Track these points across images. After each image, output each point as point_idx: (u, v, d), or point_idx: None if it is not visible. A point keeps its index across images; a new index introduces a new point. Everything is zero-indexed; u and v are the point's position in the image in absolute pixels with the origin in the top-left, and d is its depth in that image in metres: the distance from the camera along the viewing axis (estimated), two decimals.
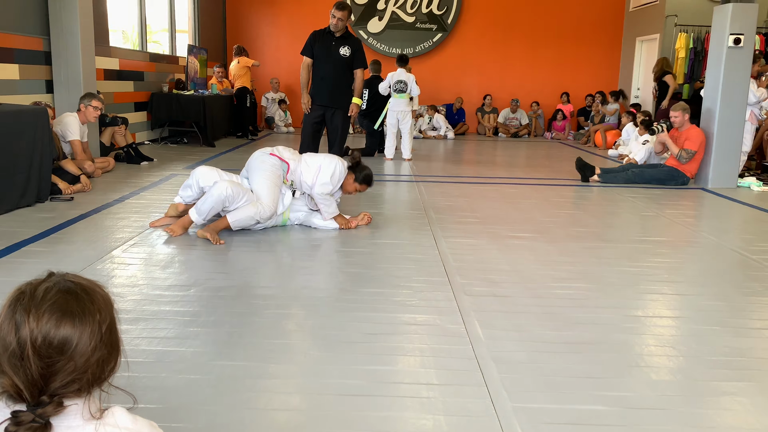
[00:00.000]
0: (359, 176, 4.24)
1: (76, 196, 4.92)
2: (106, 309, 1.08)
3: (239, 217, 3.84)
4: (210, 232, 3.77)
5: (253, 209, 3.85)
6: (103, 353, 1.06)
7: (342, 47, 5.62)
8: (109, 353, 1.08)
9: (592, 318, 2.73)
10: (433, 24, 12.28)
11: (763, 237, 4.43)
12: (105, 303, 1.09)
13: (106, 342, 1.07)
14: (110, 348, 1.08)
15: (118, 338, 1.11)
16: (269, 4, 12.28)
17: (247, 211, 3.84)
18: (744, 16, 6.27)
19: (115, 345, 1.10)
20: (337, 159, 4.19)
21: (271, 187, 3.96)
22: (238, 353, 2.29)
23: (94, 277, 3.06)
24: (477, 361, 2.27)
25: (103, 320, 1.06)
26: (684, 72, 10.34)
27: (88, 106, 5.73)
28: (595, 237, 4.22)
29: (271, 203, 3.93)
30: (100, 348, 1.05)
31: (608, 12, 12.29)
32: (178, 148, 8.70)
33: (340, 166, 4.14)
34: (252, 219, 3.88)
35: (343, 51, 5.61)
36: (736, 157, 6.54)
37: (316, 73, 5.71)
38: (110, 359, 1.08)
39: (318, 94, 5.72)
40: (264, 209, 3.89)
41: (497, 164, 8.19)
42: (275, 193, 3.98)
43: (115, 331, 1.10)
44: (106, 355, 1.07)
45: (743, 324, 2.75)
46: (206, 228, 3.80)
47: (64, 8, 6.21)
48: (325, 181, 4.05)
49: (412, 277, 3.24)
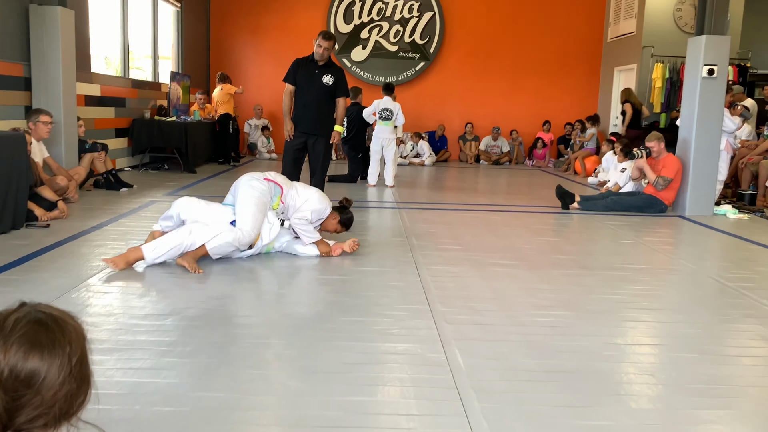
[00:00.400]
0: (342, 218, 4.33)
1: (52, 223, 4.85)
2: (77, 341, 1.06)
3: (218, 243, 3.79)
4: (188, 260, 3.72)
5: (231, 235, 3.80)
6: (72, 387, 1.03)
7: (325, 75, 5.66)
8: (79, 387, 1.05)
9: (572, 346, 2.73)
10: (416, 53, 12.45)
11: (740, 264, 4.48)
12: (76, 335, 1.06)
13: (76, 375, 1.04)
14: (80, 381, 1.05)
15: (89, 371, 1.08)
16: (253, 31, 12.38)
17: (225, 237, 3.79)
18: (717, 48, 6.44)
19: (86, 378, 1.07)
20: (326, 200, 4.27)
21: (256, 214, 3.92)
22: (214, 384, 2.24)
23: (69, 306, 3.00)
24: (457, 390, 2.25)
25: (74, 353, 1.04)
26: (661, 101, 10.56)
27: (37, 123, 5.56)
28: (576, 264, 4.25)
29: (251, 230, 3.88)
30: (69, 381, 1.02)
31: (587, 42, 12.56)
32: (158, 174, 8.65)
33: (326, 207, 4.22)
34: (230, 246, 3.83)
35: (326, 79, 5.65)
36: (713, 185, 6.66)
37: (299, 101, 5.73)
38: (79, 393, 1.05)
39: (300, 121, 5.73)
40: (243, 235, 3.84)
41: (479, 191, 8.24)
42: (258, 219, 3.94)
43: (85, 363, 1.07)
44: (75, 389, 1.04)
45: (721, 351, 2.77)
46: (185, 256, 3.74)
47: (45, 34, 6.20)
48: (306, 213, 4.10)
49: (393, 305, 3.23)
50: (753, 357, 2.71)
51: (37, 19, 6.19)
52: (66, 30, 6.33)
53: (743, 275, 4.10)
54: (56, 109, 6.24)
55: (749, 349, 2.81)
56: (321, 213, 4.19)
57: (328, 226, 4.32)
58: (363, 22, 12.33)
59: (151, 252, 3.70)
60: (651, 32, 10.59)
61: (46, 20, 6.18)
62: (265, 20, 12.34)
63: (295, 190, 4.19)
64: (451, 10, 12.43)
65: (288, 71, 5.80)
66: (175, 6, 10.73)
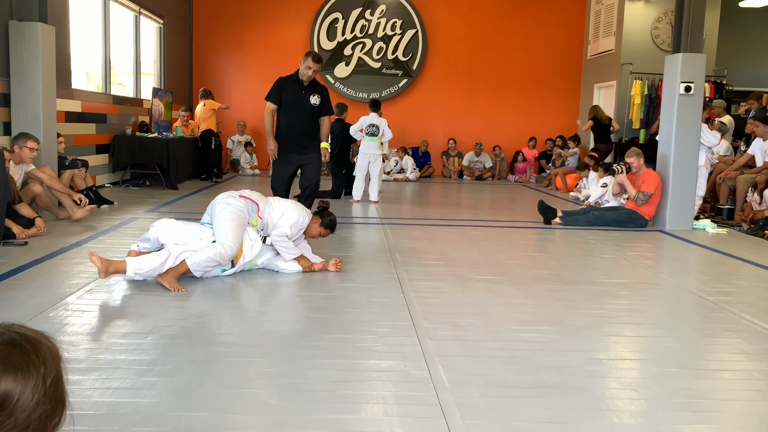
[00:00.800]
0: (324, 221, 4.29)
1: (30, 241, 4.78)
2: (52, 362, 1.04)
3: (199, 259, 3.74)
4: (169, 279, 3.65)
5: (212, 251, 3.76)
6: (46, 408, 1.01)
7: (312, 96, 5.63)
8: (53, 408, 1.03)
9: (555, 361, 2.73)
10: (399, 70, 12.55)
11: (719, 278, 4.54)
12: (51, 355, 1.04)
13: (51, 396, 1.02)
14: (55, 403, 1.03)
15: (64, 392, 1.06)
16: (235, 47, 12.39)
17: (206, 253, 3.75)
18: (693, 65, 6.57)
19: (60, 399, 1.05)
20: (303, 209, 4.23)
21: (235, 228, 3.89)
22: (195, 403, 2.21)
23: (47, 325, 2.95)
24: (441, 407, 2.24)
25: (48, 373, 1.02)
26: (640, 117, 10.73)
27: (23, 148, 5.44)
28: (558, 279, 4.27)
29: (232, 243, 3.84)
30: (44, 403, 1.00)
31: (567, 60, 12.75)
32: (139, 191, 8.58)
33: (304, 217, 4.19)
34: (212, 261, 3.79)
35: (314, 100, 5.62)
36: (692, 200, 6.75)
37: (284, 121, 5.70)
38: (54, 414, 1.03)
39: (289, 142, 5.69)
40: (225, 250, 3.79)
41: (462, 207, 8.28)
42: (238, 233, 3.91)
43: (60, 384, 1.05)
44: (49, 411, 1.02)
45: (702, 365, 2.79)
46: (166, 274, 3.68)
47: (25, 50, 6.15)
48: (285, 228, 4.08)
49: (376, 322, 3.21)
50: (733, 371, 2.74)
51: (17, 35, 6.14)
52: (46, 46, 6.29)
53: (722, 289, 4.15)
54: (36, 126, 6.18)
55: (729, 363, 2.84)
56: (300, 224, 4.17)
57: (311, 232, 4.29)
58: (346, 39, 12.42)
59: (132, 269, 3.66)
60: (629, 50, 10.79)
61: (26, 36, 6.14)
62: (248, 36, 12.37)
63: (270, 206, 4.17)
64: (433, 27, 12.56)
65: (271, 89, 5.78)
66: (158, 22, 10.73)
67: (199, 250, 3.75)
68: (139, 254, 3.92)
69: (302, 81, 5.67)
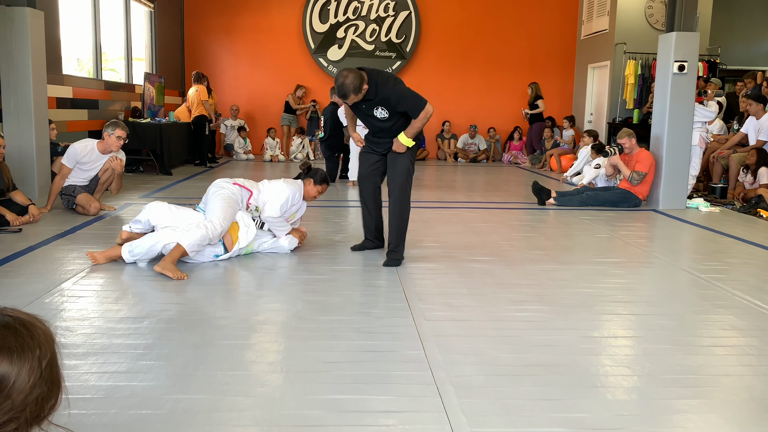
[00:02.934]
0: (317, 178, 4.35)
1: (24, 228, 4.77)
2: (46, 344, 1.04)
3: (192, 240, 3.73)
4: (169, 267, 3.62)
5: (203, 229, 3.78)
6: (42, 390, 1.02)
7: (375, 109, 4.02)
8: (50, 390, 1.04)
9: (549, 340, 2.76)
10: (392, 52, 12.47)
11: (712, 256, 4.57)
12: (45, 338, 1.05)
13: (46, 378, 1.03)
14: (50, 385, 1.04)
15: (59, 374, 1.07)
16: (227, 31, 12.28)
17: (197, 232, 3.76)
18: (687, 44, 6.55)
19: (56, 381, 1.06)
20: (294, 187, 4.23)
21: (225, 209, 3.93)
22: (192, 386, 2.23)
23: (42, 311, 2.96)
24: (436, 386, 2.27)
25: (43, 356, 1.03)
26: (633, 97, 10.72)
27: (111, 135, 5.51)
28: (552, 259, 4.29)
29: (221, 221, 3.86)
30: (40, 385, 1.01)
31: (561, 40, 12.68)
32: (133, 176, 8.54)
33: (295, 192, 4.24)
34: (205, 239, 3.80)
35: (379, 113, 4.02)
36: (685, 179, 6.77)
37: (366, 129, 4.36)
38: (50, 396, 1.04)
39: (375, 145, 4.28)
40: (213, 227, 3.81)
41: (456, 189, 8.28)
42: (228, 212, 3.94)
43: (55, 367, 1.06)
44: (45, 392, 1.02)
45: (694, 342, 2.82)
46: (162, 262, 3.65)
47: (14, 35, 6.08)
48: (276, 207, 4.13)
49: (371, 304, 3.23)
50: (724, 347, 2.77)
51: (5, 20, 6.07)
52: (35, 31, 6.21)
53: (715, 267, 4.18)
54: (27, 112, 6.13)
55: (721, 339, 2.87)
56: (292, 201, 4.22)
57: (310, 194, 4.35)
58: (339, 22, 12.32)
59: (127, 253, 3.74)
60: (623, 29, 10.75)
61: (15, 22, 6.06)
62: (240, 20, 12.26)
63: (262, 190, 4.24)
64: (426, 8, 12.47)
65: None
66: (148, 6, 10.61)
67: (189, 231, 3.76)
68: (131, 236, 3.94)
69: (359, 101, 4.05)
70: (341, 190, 7.82)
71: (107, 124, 5.60)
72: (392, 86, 3.85)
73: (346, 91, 3.74)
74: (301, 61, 12.42)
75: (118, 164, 5.60)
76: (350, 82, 3.70)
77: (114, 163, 5.57)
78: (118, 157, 5.62)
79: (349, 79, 3.70)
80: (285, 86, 12.20)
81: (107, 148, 5.56)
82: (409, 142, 4.04)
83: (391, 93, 3.84)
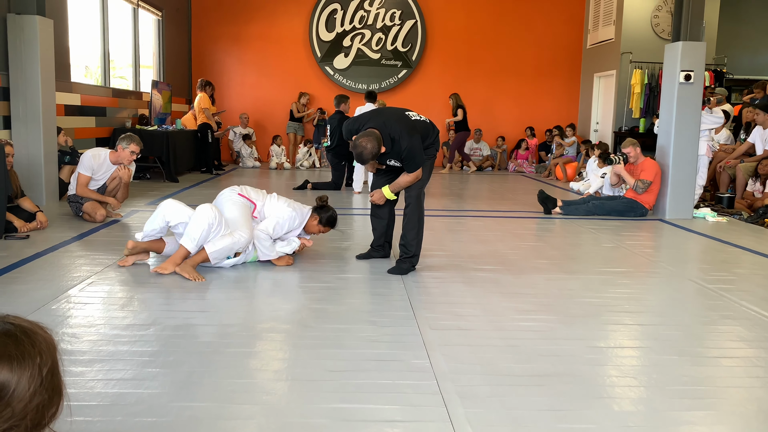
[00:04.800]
0: (323, 218, 4.30)
1: (32, 234, 4.79)
2: (47, 352, 1.04)
3: (218, 247, 3.81)
4: (188, 270, 3.72)
5: (230, 239, 3.85)
6: (43, 398, 1.01)
7: (389, 160, 4.08)
8: (50, 398, 1.03)
9: (555, 350, 2.75)
10: (398, 60, 12.50)
11: (719, 266, 4.55)
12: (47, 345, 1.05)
13: (47, 386, 1.02)
14: (51, 392, 1.03)
15: (61, 382, 1.07)
16: (235, 39, 12.35)
17: (225, 241, 3.83)
18: (693, 54, 6.55)
19: (57, 389, 1.05)
20: (297, 211, 4.19)
21: (247, 218, 4.02)
22: (197, 394, 2.23)
23: (49, 317, 2.97)
24: (441, 396, 2.26)
25: (44, 363, 1.02)
26: (640, 106, 10.70)
27: (125, 149, 5.51)
28: (558, 269, 4.28)
29: (248, 231, 3.94)
30: (41, 393, 1.01)
31: (567, 49, 12.70)
32: (140, 183, 8.57)
33: (294, 219, 4.16)
34: (231, 249, 3.88)
35: (392, 162, 4.09)
36: (691, 189, 6.75)
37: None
38: (51, 404, 1.04)
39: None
40: (243, 237, 3.89)
41: (462, 197, 8.28)
42: (251, 224, 4.02)
43: (57, 374, 1.06)
44: (46, 400, 1.02)
45: (701, 353, 2.80)
46: (184, 264, 3.76)
47: (24, 43, 6.14)
48: (269, 225, 4.07)
49: (377, 312, 3.23)
50: (732, 358, 2.75)
51: (15, 28, 6.13)
52: (45, 39, 6.27)
53: (722, 277, 4.16)
54: (35, 119, 6.18)
55: (728, 350, 2.85)
56: (288, 227, 4.15)
57: (311, 229, 4.32)
58: (345, 30, 12.37)
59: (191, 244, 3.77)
60: (629, 39, 10.75)
61: (25, 29, 6.13)
62: (247, 29, 12.33)
63: (267, 204, 4.19)
64: (432, 18, 12.51)
65: None
66: (156, 15, 10.69)
67: (218, 239, 3.82)
68: (137, 245, 3.96)
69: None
70: (347, 197, 7.83)
71: (122, 137, 5.59)
72: (406, 143, 3.81)
73: (366, 159, 3.77)
74: (307, 69, 12.47)
75: (126, 173, 5.60)
76: (369, 152, 3.72)
77: (122, 172, 5.58)
78: (127, 167, 5.63)
79: (368, 150, 3.71)
80: (291, 94, 12.25)
81: (119, 160, 5.58)
82: (390, 196, 4.12)
83: (404, 150, 3.84)
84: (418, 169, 3.96)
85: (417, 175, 3.97)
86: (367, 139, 3.72)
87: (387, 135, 3.81)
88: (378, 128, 3.81)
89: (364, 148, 3.70)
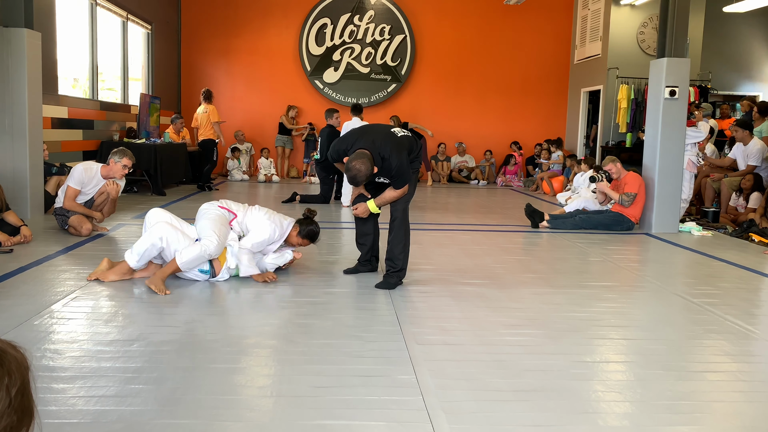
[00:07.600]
0: (302, 231, 4.27)
1: (16, 248, 4.74)
2: (17, 371, 1.02)
3: (187, 258, 3.78)
4: (156, 282, 3.71)
5: (199, 247, 3.82)
6: (11, 419, 0.99)
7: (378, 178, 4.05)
8: (20, 420, 1.01)
9: (541, 365, 2.75)
10: (388, 75, 12.57)
11: (704, 281, 4.58)
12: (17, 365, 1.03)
13: (16, 407, 1.00)
14: (21, 414, 1.01)
15: (31, 402, 1.05)
16: (224, 53, 12.37)
17: (194, 250, 3.81)
18: (678, 70, 6.63)
19: (27, 410, 1.03)
20: (276, 225, 4.17)
21: (219, 226, 3.96)
22: (180, 411, 2.20)
23: (31, 333, 2.93)
24: (427, 411, 2.25)
25: (13, 384, 1.00)
26: (626, 122, 10.81)
27: (117, 163, 5.45)
28: (545, 283, 4.29)
29: (216, 238, 3.87)
30: (9, 414, 0.99)
31: (554, 64, 12.83)
32: (127, 197, 8.52)
33: (274, 234, 4.14)
34: (201, 257, 3.84)
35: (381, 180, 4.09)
36: (677, 203, 6.81)
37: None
38: (20, 426, 1.02)
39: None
40: (210, 244, 3.84)
41: (450, 211, 8.30)
42: (222, 232, 3.96)
43: (27, 394, 1.04)
44: (15, 422, 1.00)
45: (686, 367, 2.81)
46: (154, 277, 3.75)
47: (11, 56, 6.11)
48: (248, 242, 4.07)
49: (363, 327, 3.22)
50: (717, 372, 2.77)
51: (2, 40, 6.10)
52: (32, 52, 6.25)
53: (707, 291, 4.18)
54: (22, 132, 6.14)
55: (713, 365, 2.87)
56: (268, 241, 4.13)
57: (291, 240, 4.28)
58: (335, 44, 12.43)
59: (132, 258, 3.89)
60: (616, 54, 10.88)
61: (12, 42, 6.10)
62: (237, 42, 12.36)
63: (248, 216, 4.17)
64: (421, 33, 12.61)
65: None
66: (146, 28, 10.69)
67: (186, 249, 3.81)
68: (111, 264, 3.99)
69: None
70: (335, 211, 7.82)
71: (114, 151, 5.54)
72: (396, 161, 3.84)
73: (360, 181, 3.80)
74: (297, 83, 12.51)
75: (114, 189, 5.54)
76: (363, 174, 3.74)
77: (110, 188, 5.52)
78: (116, 182, 5.58)
79: (362, 172, 3.72)
80: (280, 107, 12.27)
81: (111, 174, 5.53)
82: (375, 209, 4.10)
83: (394, 168, 3.87)
84: (403, 186, 3.98)
85: (403, 191, 4.00)
86: (360, 161, 3.73)
87: (377, 154, 3.83)
88: (368, 148, 3.83)
89: (359, 171, 3.71)
